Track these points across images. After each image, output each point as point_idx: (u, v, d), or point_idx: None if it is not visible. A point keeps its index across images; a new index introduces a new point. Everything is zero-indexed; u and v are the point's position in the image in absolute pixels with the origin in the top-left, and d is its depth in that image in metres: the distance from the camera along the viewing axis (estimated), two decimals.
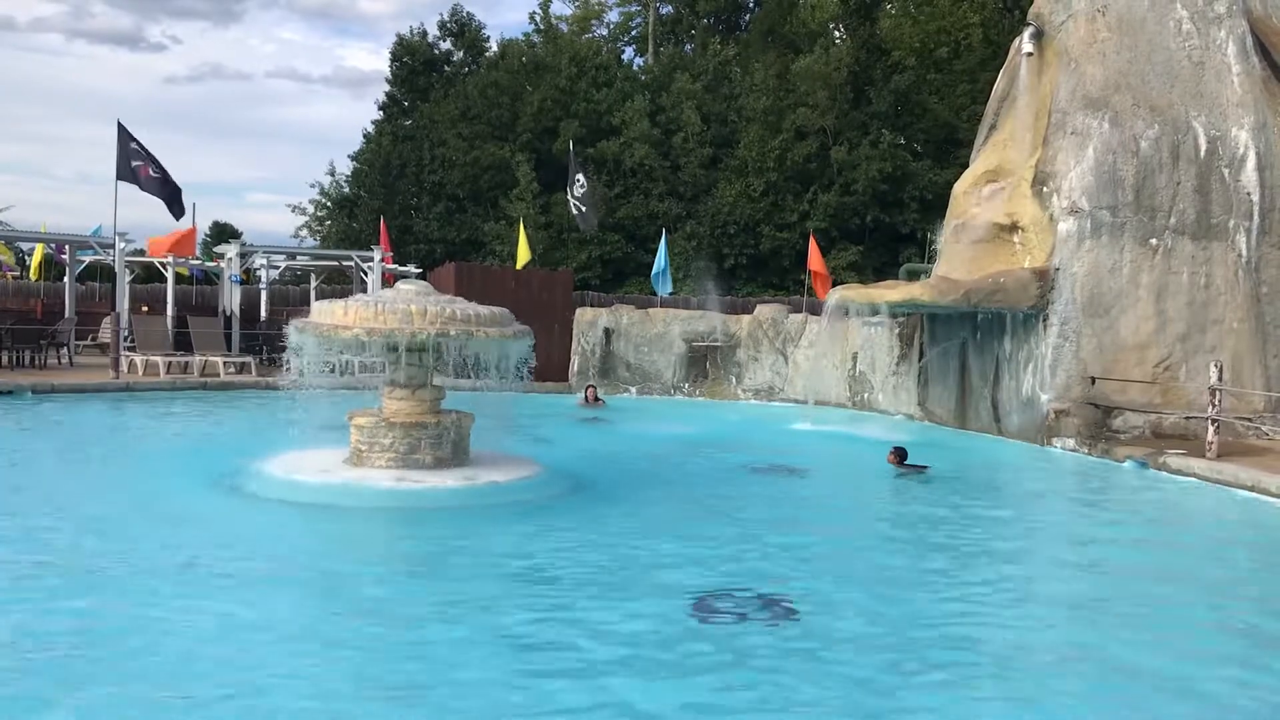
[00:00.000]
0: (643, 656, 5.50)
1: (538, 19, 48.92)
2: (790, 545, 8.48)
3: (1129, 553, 8.83)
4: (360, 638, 5.71)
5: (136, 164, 20.02)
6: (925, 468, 11.94)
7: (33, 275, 31.50)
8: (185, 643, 5.48)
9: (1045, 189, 15.52)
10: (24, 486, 9.54)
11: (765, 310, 21.47)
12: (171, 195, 20.62)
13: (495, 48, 46.50)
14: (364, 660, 5.37)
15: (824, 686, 5.20)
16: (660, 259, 26.86)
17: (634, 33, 51.67)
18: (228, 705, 4.71)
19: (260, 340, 22.23)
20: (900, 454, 12.05)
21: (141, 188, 20.14)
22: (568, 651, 5.54)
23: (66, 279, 24.69)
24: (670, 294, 28.81)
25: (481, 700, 4.85)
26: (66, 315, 22.88)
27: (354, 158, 45.10)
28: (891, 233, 40.36)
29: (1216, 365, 13.08)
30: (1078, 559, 8.50)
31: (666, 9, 50.14)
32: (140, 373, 19.39)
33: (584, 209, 25.92)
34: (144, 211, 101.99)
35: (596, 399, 18.85)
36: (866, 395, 19.31)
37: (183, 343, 20.93)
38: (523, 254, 24.65)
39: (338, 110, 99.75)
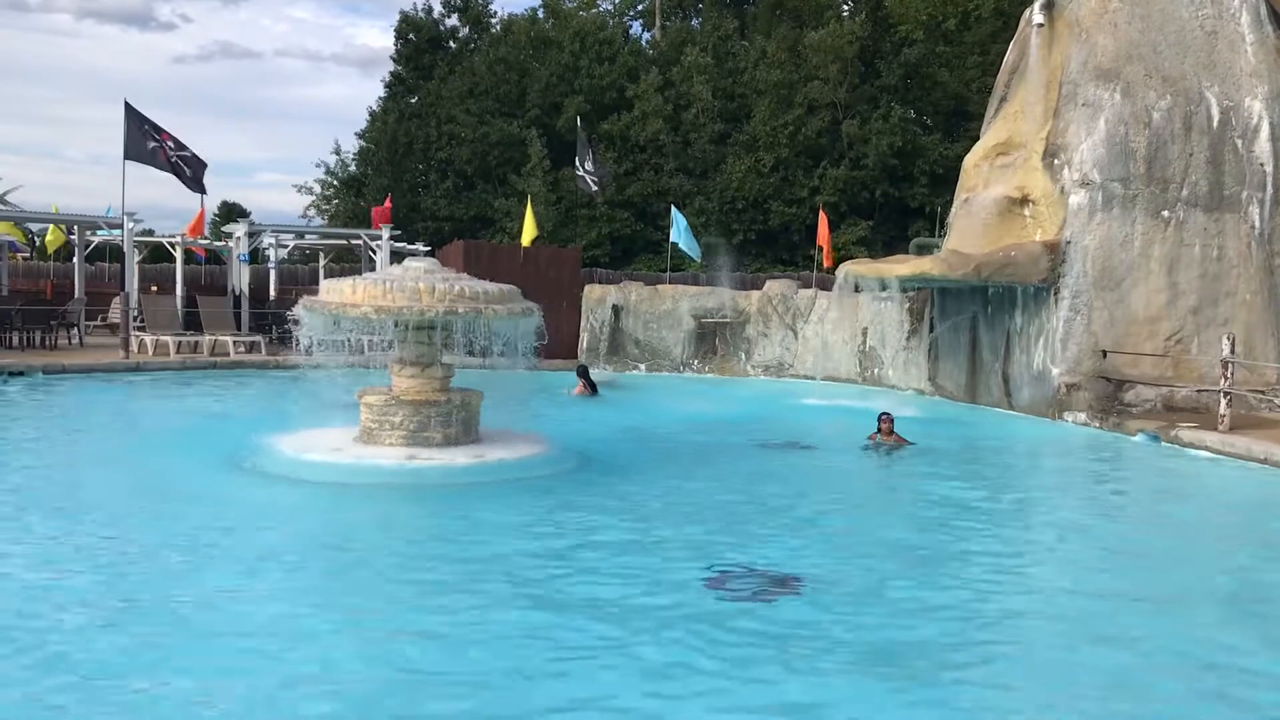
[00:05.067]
0: (652, 629, 5.51)
1: None
2: (800, 520, 8.48)
3: (1143, 526, 8.81)
4: (375, 617, 5.73)
5: (153, 145, 20.00)
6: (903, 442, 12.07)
7: (49, 249, 31.48)
8: (199, 628, 5.51)
9: (1056, 161, 15.40)
10: (34, 470, 9.58)
11: (775, 286, 21.39)
12: (193, 172, 20.59)
13: (498, 25, 46.19)
14: (380, 637, 5.39)
15: (831, 662, 5.21)
16: (677, 228, 26.40)
17: (640, 7, 51.29)
18: (247, 691, 4.73)
19: (269, 319, 22.26)
20: (890, 420, 12.07)
21: (161, 169, 20.14)
22: (578, 626, 5.55)
23: (76, 260, 24.73)
24: (697, 258, 28.31)
25: (497, 673, 4.87)
26: (76, 296, 22.93)
27: (361, 135, 44.98)
28: (901, 207, 40.11)
29: (1229, 338, 12.99)
30: (1091, 532, 8.48)
31: None
32: (150, 352, 19.43)
33: (594, 179, 25.76)
34: (155, 192, 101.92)
35: (590, 387, 16.70)
36: (877, 370, 19.26)
37: (192, 322, 20.96)
38: (528, 231, 24.53)
39: (348, 89, 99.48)
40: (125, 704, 4.49)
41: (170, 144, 20.12)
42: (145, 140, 20.00)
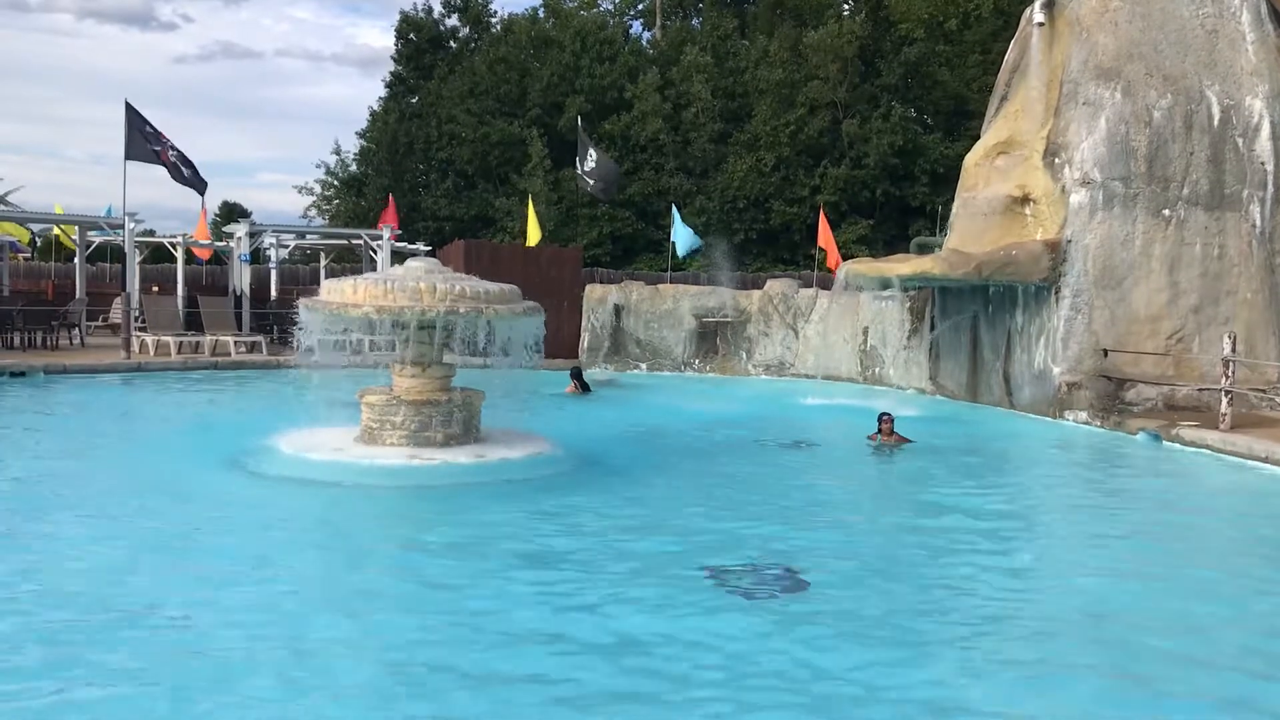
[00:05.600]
0: (654, 629, 5.51)
1: None
2: (802, 520, 8.48)
3: (1144, 525, 8.80)
4: (375, 617, 5.73)
5: (156, 148, 20.05)
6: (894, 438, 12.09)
7: (68, 244, 31.31)
8: (202, 629, 5.51)
9: (1057, 160, 15.40)
10: (35, 471, 9.59)
11: (775, 285, 21.39)
12: (193, 175, 20.68)
13: (498, 25, 46.17)
14: (381, 637, 5.39)
15: (833, 658, 5.21)
16: (677, 229, 26.36)
17: (640, 6, 51.31)
18: (244, 693, 4.74)
19: (271, 319, 22.26)
20: (890, 420, 12.07)
21: (168, 170, 20.20)
22: (580, 626, 5.55)
23: (77, 260, 24.74)
24: (695, 250, 28.09)
25: (499, 674, 4.87)
26: (77, 296, 22.94)
27: (361, 135, 45.02)
28: (902, 206, 40.15)
29: (1230, 337, 12.99)
30: (1092, 531, 8.48)
31: None
32: (151, 353, 19.44)
33: (595, 181, 25.77)
34: (155, 192, 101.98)
35: (583, 386, 16.93)
36: (878, 370, 19.26)
37: (193, 322, 20.97)
38: (533, 232, 24.52)
39: (349, 89, 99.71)
40: (123, 704, 4.49)
41: (171, 148, 20.18)
42: (146, 140, 20.03)
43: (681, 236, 26.01)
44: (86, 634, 5.25)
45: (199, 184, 21.30)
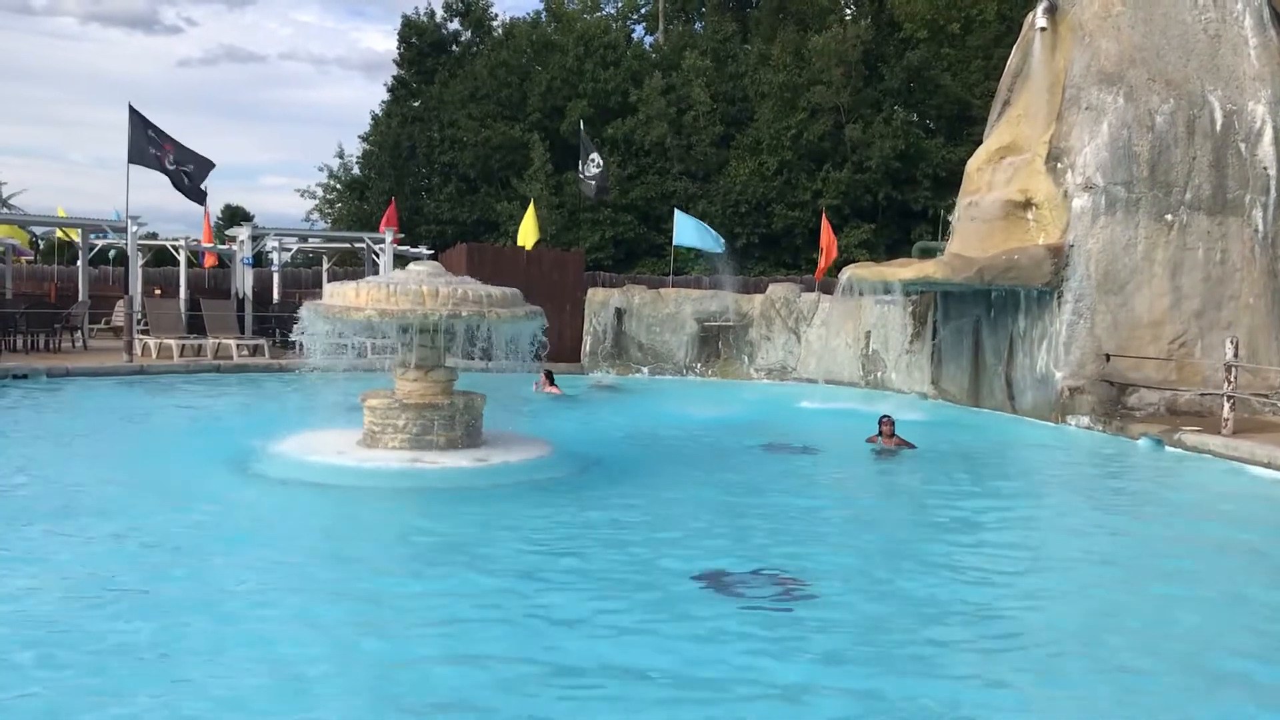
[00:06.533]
0: (655, 631, 5.51)
1: None
2: (801, 523, 8.48)
3: (1144, 529, 8.80)
4: (375, 621, 5.73)
5: (156, 153, 20.07)
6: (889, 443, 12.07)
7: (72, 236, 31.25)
8: (200, 629, 5.51)
9: (1059, 165, 15.40)
10: (37, 471, 9.59)
11: (777, 289, 21.39)
12: (193, 181, 20.68)
13: (500, 29, 46.19)
14: (381, 640, 5.39)
15: (830, 661, 5.21)
16: (689, 230, 25.63)
17: (643, 10, 51.35)
18: (242, 697, 4.74)
19: (273, 322, 22.28)
20: (891, 423, 12.06)
21: (162, 172, 20.23)
22: (582, 626, 5.55)
23: (80, 263, 24.76)
24: (720, 248, 27.42)
25: (499, 675, 4.87)
26: (80, 299, 22.95)
27: (364, 139, 45.07)
28: (904, 210, 40.14)
29: (1232, 342, 12.97)
30: (1093, 536, 8.46)
31: None
32: (154, 355, 19.46)
33: (594, 186, 25.73)
34: (158, 195, 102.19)
35: (550, 384, 16.94)
36: (880, 374, 19.26)
37: (196, 325, 20.98)
38: (530, 234, 24.45)
39: (352, 92, 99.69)
40: (123, 707, 4.49)
41: (171, 155, 20.21)
42: (148, 145, 20.06)
43: (699, 238, 25.30)
44: (85, 633, 5.25)
45: (199, 194, 21.32)
